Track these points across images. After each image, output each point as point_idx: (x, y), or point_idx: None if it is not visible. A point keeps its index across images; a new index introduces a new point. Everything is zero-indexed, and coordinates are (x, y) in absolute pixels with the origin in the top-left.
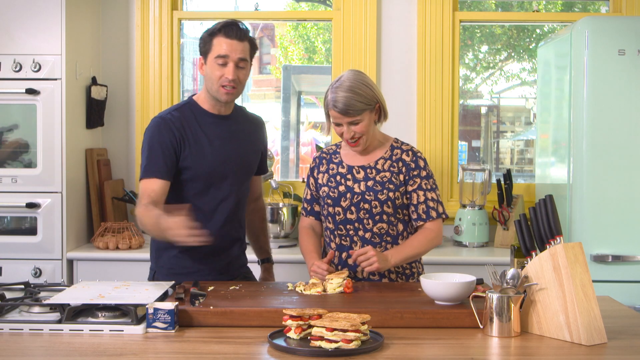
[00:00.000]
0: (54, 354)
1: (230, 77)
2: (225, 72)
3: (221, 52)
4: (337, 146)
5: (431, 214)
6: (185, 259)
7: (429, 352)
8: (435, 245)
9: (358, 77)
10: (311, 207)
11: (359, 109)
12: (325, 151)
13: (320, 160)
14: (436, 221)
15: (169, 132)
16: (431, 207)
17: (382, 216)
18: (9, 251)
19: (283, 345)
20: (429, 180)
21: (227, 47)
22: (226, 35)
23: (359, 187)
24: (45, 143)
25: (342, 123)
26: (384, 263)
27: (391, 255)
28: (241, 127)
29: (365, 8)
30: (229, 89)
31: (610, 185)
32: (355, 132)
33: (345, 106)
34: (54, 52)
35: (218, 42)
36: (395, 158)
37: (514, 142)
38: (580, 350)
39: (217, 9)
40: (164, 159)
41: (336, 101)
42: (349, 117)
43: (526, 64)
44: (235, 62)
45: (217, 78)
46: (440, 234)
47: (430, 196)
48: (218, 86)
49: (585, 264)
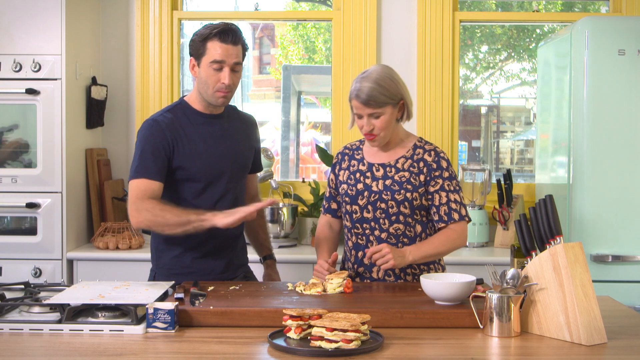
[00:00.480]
0: (54, 354)
1: (227, 83)
2: (221, 77)
3: (217, 58)
4: (361, 142)
5: (453, 216)
6: (186, 259)
7: (429, 352)
8: (458, 246)
9: (386, 71)
10: (329, 205)
11: (381, 101)
12: (349, 147)
13: (342, 157)
14: (461, 223)
15: (160, 134)
16: (453, 209)
17: (398, 217)
18: (9, 251)
19: (283, 345)
20: (452, 182)
21: (223, 52)
22: (221, 40)
23: (377, 186)
24: (45, 143)
25: (362, 115)
26: (400, 259)
27: (409, 252)
28: (233, 125)
29: (365, 8)
30: (224, 94)
31: (610, 185)
32: (375, 126)
33: (367, 97)
34: (54, 52)
35: (213, 46)
36: (416, 158)
37: (514, 142)
38: (580, 350)
39: (217, 9)
40: (154, 161)
41: (360, 90)
42: (370, 109)
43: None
44: (231, 66)
45: (213, 83)
46: (463, 236)
47: (453, 198)
48: (214, 91)
49: (585, 264)
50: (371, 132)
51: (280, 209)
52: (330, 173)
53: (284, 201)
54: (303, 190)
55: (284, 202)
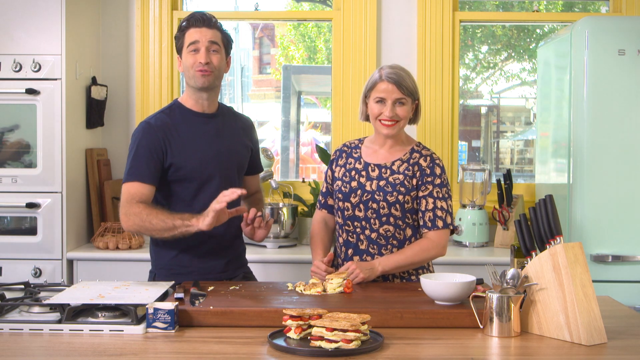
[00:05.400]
0: (54, 354)
1: (203, 60)
2: (197, 57)
3: (191, 40)
4: (360, 141)
5: (437, 223)
6: (185, 258)
7: (429, 352)
8: (433, 256)
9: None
10: (325, 200)
11: (410, 89)
12: (348, 145)
13: (340, 154)
14: (441, 231)
15: (153, 136)
16: (438, 216)
17: (389, 218)
18: (9, 251)
19: (283, 345)
20: (442, 189)
21: (197, 34)
22: (194, 25)
23: (371, 186)
24: (45, 143)
25: (387, 99)
26: (368, 272)
27: (379, 263)
28: (228, 124)
29: (365, 8)
30: (203, 72)
31: (610, 185)
32: (397, 113)
33: (401, 79)
34: (54, 52)
35: (189, 33)
36: (412, 162)
37: (514, 142)
38: (580, 350)
39: (217, 9)
40: (146, 163)
41: (391, 74)
42: (399, 93)
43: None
44: (207, 46)
45: (191, 65)
46: (440, 245)
47: (440, 205)
48: (194, 72)
49: (585, 264)
50: (392, 117)
51: (280, 209)
52: (328, 169)
53: (284, 201)
54: (303, 190)
55: (284, 202)
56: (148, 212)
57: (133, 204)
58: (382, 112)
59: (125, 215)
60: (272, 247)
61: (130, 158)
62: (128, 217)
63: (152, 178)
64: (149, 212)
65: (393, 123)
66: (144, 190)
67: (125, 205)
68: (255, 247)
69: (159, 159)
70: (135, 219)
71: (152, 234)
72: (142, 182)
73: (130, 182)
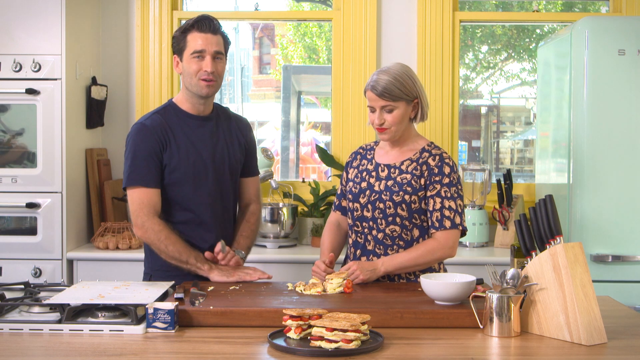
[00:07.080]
0: (54, 354)
1: (209, 70)
2: (202, 65)
3: (197, 48)
4: (376, 143)
5: (445, 223)
6: None
7: (429, 352)
8: (440, 257)
9: (404, 69)
10: (339, 202)
11: (395, 95)
12: (364, 147)
13: (355, 156)
14: (448, 232)
15: (150, 138)
16: (446, 216)
17: (395, 218)
18: (9, 251)
19: (283, 345)
20: (451, 189)
21: (203, 41)
22: (200, 30)
23: (379, 186)
24: (45, 143)
25: (375, 107)
26: (369, 273)
27: (382, 263)
28: (223, 125)
29: (365, 8)
30: (208, 82)
31: (610, 185)
32: (386, 120)
33: (382, 89)
34: (54, 52)
35: (192, 37)
36: (421, 161)
37: (514, 142)
38: (580, 350)
39: (217, 9)
40: (147, 167)
41: (376, 82)
42: (383, 101)
43: (526, 64)
44: (212, 55)
45: (194, 72)
46: (448, 246)
47: (448, 205)
48: (197, 80)
49: (585, 264)
50: (381, 125)
51: (280, 209)
52: (343, 171)
53: (284, 201)
54: (303, 190)
55: (284, 202)
56: (167, 235)
57: (151, 217)
58: (374, 120)
59: (141, 228)
60: (272, 247)
61: (128, 161)
62: (145, 230)
63: (156, 181)
64: (167, 234)
65: (383, 130)
66: (152, 196)
67: (141, 215)
68: (255, 247)
69: (159, 159)
70: (152, 236)
71: (161, 255)
72: (147, 187)
73: (134, 187)
